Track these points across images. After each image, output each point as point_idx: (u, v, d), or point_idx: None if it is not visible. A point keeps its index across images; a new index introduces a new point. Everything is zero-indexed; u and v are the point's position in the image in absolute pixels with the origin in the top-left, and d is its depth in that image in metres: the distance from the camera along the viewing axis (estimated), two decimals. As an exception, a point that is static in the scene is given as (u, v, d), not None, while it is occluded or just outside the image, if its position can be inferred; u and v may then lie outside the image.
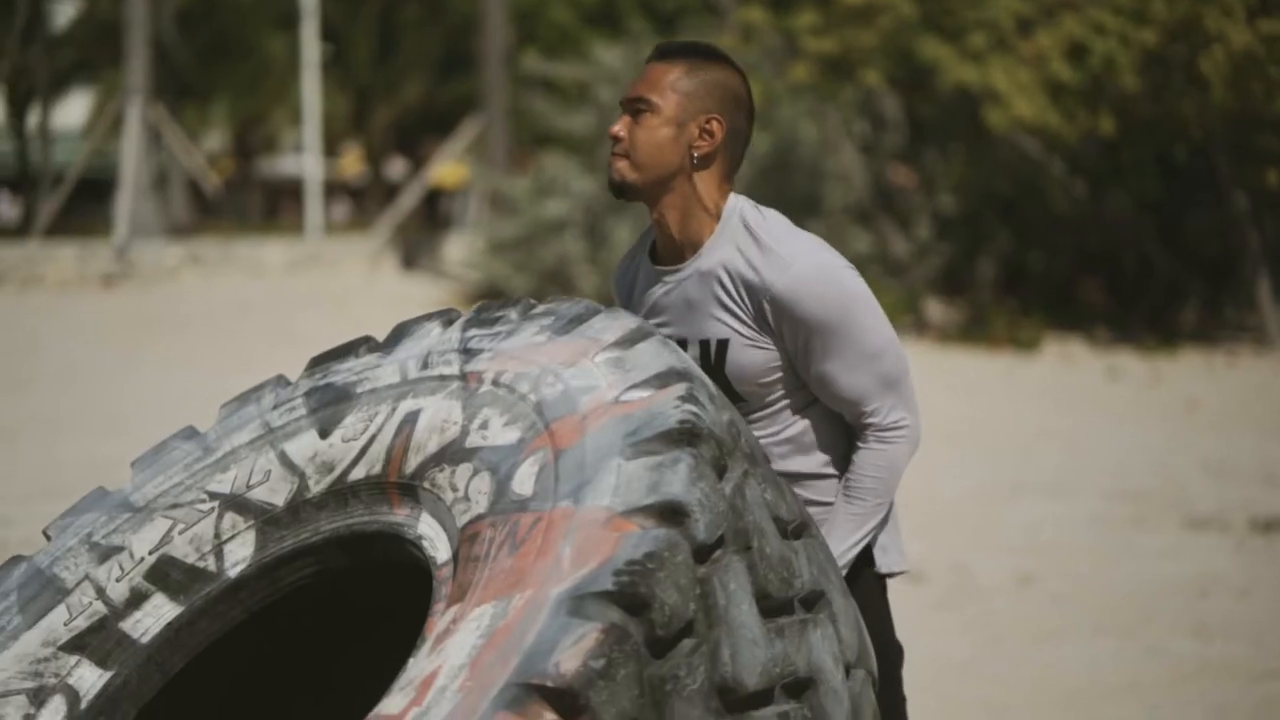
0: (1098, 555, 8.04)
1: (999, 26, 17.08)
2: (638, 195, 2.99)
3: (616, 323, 2.67)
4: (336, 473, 2.74)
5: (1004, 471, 10.30)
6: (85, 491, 3.19)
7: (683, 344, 3.00)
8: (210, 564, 2.82)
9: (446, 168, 33.58)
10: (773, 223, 2.98)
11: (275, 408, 2.89)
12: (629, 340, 2.62)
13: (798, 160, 19.14)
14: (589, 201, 19.61)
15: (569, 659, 2.19)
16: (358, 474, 2.72)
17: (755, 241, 2.94)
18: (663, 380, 2.53)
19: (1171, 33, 15.78)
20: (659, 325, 3.04)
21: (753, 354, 2.95)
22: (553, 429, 2.52)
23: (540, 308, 2.77)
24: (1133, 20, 16.03)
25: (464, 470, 2.57)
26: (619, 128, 2.97)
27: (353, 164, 45.01)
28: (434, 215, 41.30)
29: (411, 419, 2.69)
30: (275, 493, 2.80)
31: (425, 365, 2.77)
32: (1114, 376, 14.91)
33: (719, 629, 2.37)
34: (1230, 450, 11.02)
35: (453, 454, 2.60)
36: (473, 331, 2.78)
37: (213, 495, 2.85)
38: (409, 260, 24.96)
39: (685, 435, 2.44)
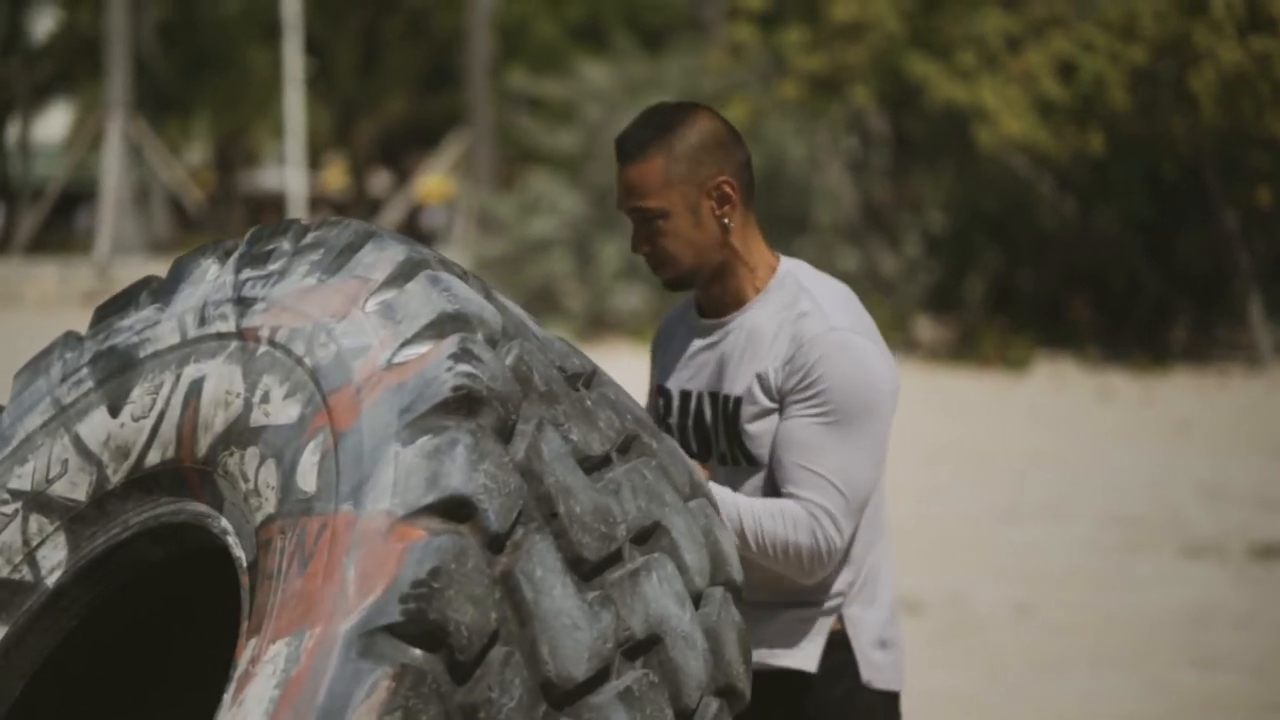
0: (1095, 583, 7.94)
1: (988, 44, 17.02)
2: (697, 283, 2.85)
3: (385, 255, 2.40)
4: (133, 458, 2.50)
5: (997, 495, 10.20)
6: None
7: (702, 399, 2.85)
8: (25, 574, 2.56)
9: (430, 182, 33.49)
10: (835, 287, 2.83)
11: (64, 380, 2.62)
12: (399, 278, 2.37)
13: (785, 178, 19.06)
14: (576, 220, 19.52)
15: (363, 717, 2.02)
16: (154, 458, 2.47)
17: (811, 297, 2.79)
18: (436, 330, 2.29)
19: (1161, 50, 15.74)
20: (688, 377, 2.89)
21: (768, 419, 2.79)
22: (330, 404, 2.29)
23: (310, 237, 2.50)
24: (1122, 38, 15.97)
25: (252, 456, 2.34)
26: (640, 243, 2.81)
27: (336, 178, 44.89)
28: (414, 229, 41.19)
29: (196, 390, 2.44)
30: (76, 486, 2.55)
31: (203, 320, 2.51)
32: (1105, 396, 14.83)
33: (531, 625, 2.16)
34: (1225, 473, 10.93)
35: (239, 434, 2.37)
36: (246, 274, 2.51)
37: (15, 494, 2.58)
38: (393, 276, 24.85)
39: (461, 404, 2.21)
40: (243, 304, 2.48)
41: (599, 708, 2.21)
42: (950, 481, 10.68)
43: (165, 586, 2.74)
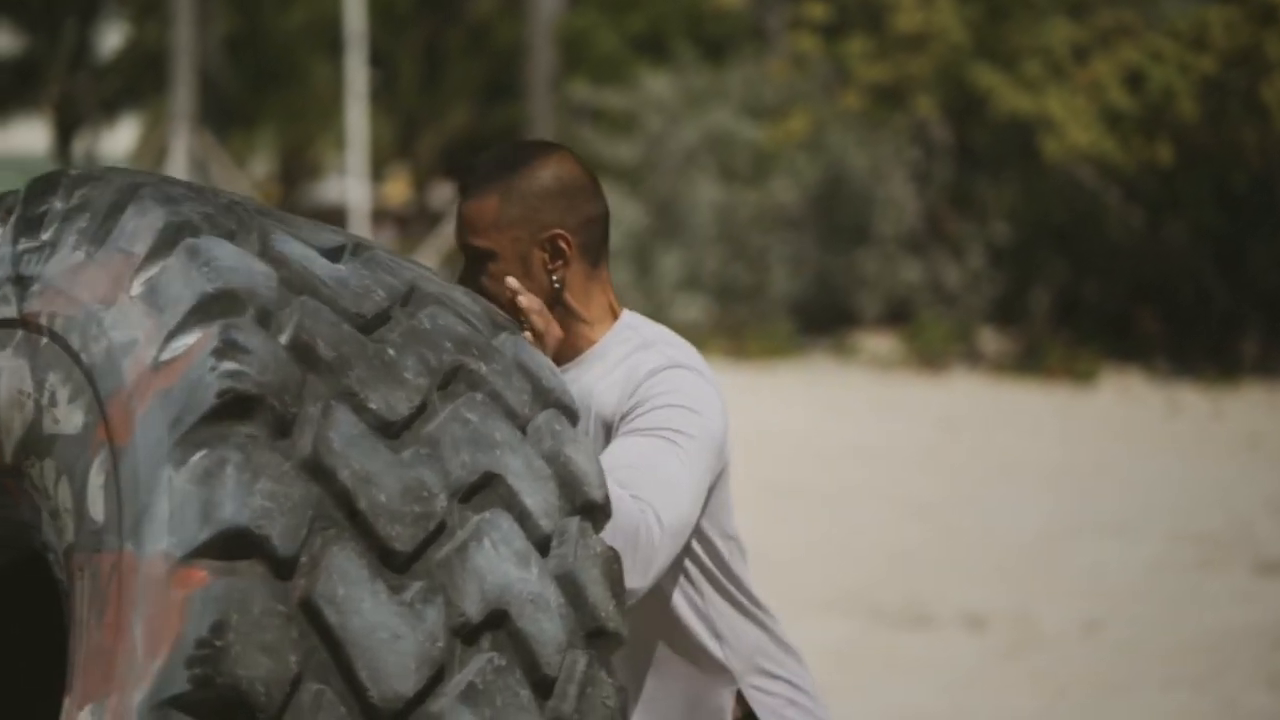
0: (1165, 601, 7.78)
1: (1054, 54, 16.86)
2: None
3: (145, 221, 2.09)
4: None
5: (1064, 511, 10.03)
6: None
7: None
8: None
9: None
10: (677, 336, 2.65)
11: None
12: (161, 249, 2.05)
13: (848, 189, 18.93)
14: (636, 230, 19.46)
15: None
16: None
17: (650, 342, 2.60)
18: (200, 317, 1.99)
19: (1231, 60, 15.55)
20: None
21: None
22: (108, 414, 2.02)
23: (77, 196, 2.20)
24: (1191, 47, 15.79)
25: (50, 469, 2.09)
26: (467, 282, 2.58)
27: (398, 190, 45.07)
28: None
29: None
30: None
31: None
32: (1174, 410, 14.62)
33: (343, 651, 1.93)
34: (1297, 489, 10.74)
35: (35, 443, 2.11)
36: (22, 244, 2.21)
37: None
38: (455, 288, 24.88)
39: (230, 410, 1.93)
40: (21, 284, 2.20)
41: (439, 715, 1.98)
42: (1015, 496, 10.52)
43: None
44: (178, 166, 28.10)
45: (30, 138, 40.50)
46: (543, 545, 2.14)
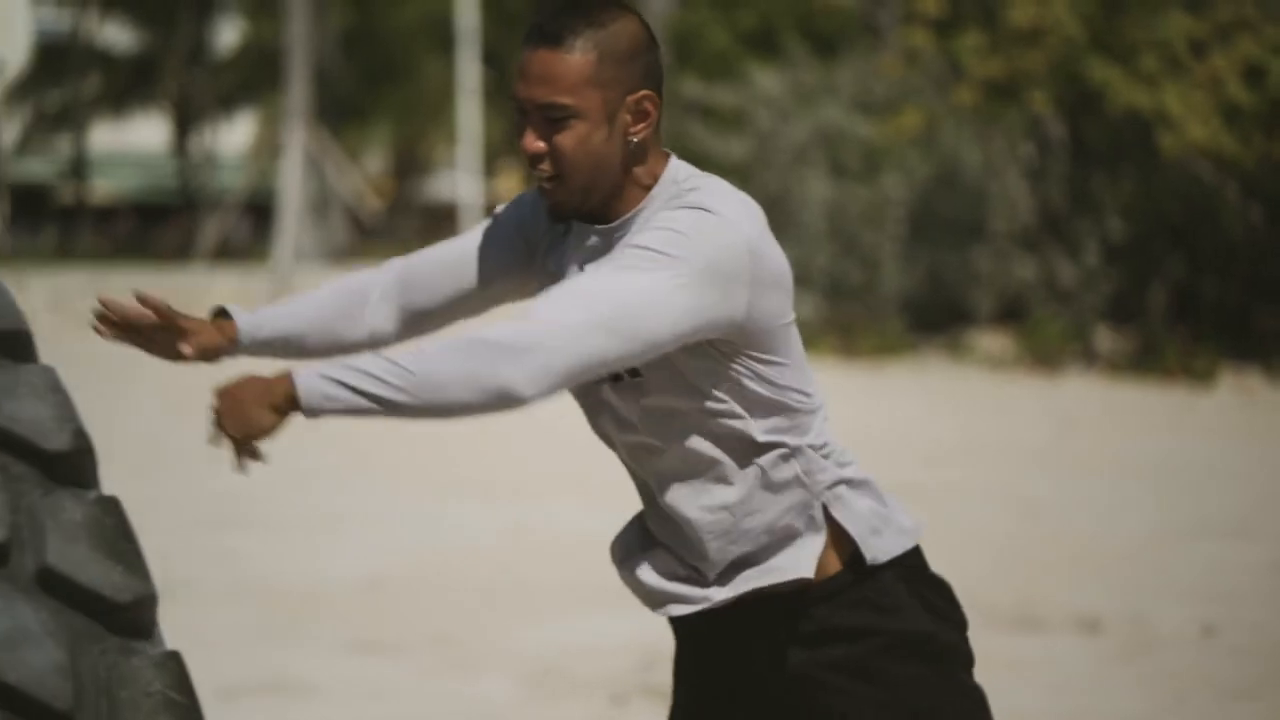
0: (1284, 605, 7.65)
1: (1171, 48, 16.64)
2: (583, 214, 2.49)
3: None
4: None
5: (1180, 512, 9.90)
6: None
7: None
8: None
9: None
10: (709, 178, 2.55)
11: None
12: None
13: (961, 184, 18.77)
14: (747, 227, 19.43)
15: None
16: None
17: (678, 195, 2.49)
18: None
19: (1355, 53, 15.28)
20: None
21: None
22: None
23: None
24: (1313, 40, 15.55)
25: None
26: (536, 139, 2.43)
27: (509, 185, 45.27)
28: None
29: None
30: None
31: None
32: (1293, 410, 14.39)
33: None
34: None
35: None
36: None
37: None
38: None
39: None
40: None
41: None
42: (1131, 497, 10.40)
43: None
44: (293, 162, 28.39)
45: (149, 133, 41.12)
46: (4, 552, 1.79)
